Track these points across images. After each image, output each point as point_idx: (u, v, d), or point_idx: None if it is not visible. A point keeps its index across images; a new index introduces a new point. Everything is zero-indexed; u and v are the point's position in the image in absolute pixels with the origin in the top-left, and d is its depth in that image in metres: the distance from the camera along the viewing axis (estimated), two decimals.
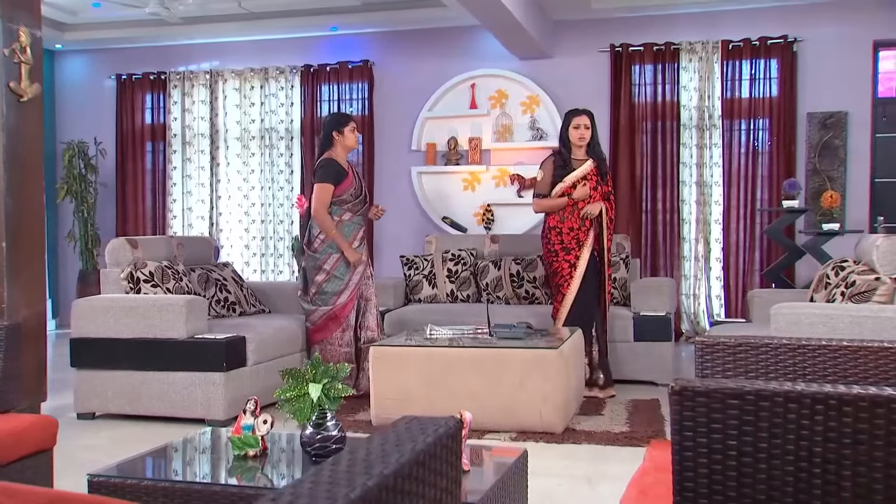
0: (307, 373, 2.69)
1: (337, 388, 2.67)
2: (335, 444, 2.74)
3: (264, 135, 9.16)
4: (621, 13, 8.33)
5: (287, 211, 9.12)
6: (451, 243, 7.33)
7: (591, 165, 5.78)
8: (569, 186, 5.71)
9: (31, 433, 3.01)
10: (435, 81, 8.76)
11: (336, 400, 2.67)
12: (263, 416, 2.85)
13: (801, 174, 7.99)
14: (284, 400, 2.69)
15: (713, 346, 2.58)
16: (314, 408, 2.65)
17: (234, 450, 2.82)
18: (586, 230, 5.74)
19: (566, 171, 5.76)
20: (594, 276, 5.75)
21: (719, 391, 1.76)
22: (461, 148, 8.72)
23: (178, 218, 9.41)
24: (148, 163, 9.61)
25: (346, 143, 5.85)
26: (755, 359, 2.53)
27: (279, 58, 9.18)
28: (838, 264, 5.09)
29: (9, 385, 3.13)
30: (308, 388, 2.64)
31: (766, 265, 8.02)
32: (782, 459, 1.73)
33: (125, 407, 5.13)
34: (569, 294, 5.67)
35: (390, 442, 1.25)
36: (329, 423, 2.73)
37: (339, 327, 5.76)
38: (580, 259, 5.69)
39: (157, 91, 9.51)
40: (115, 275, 5.46)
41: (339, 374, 2.69)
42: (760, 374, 2.51)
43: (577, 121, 5.76)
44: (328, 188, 5.72)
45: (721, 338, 2.57)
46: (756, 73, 8.11)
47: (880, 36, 7.92)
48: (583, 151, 5.80)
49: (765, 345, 2.53)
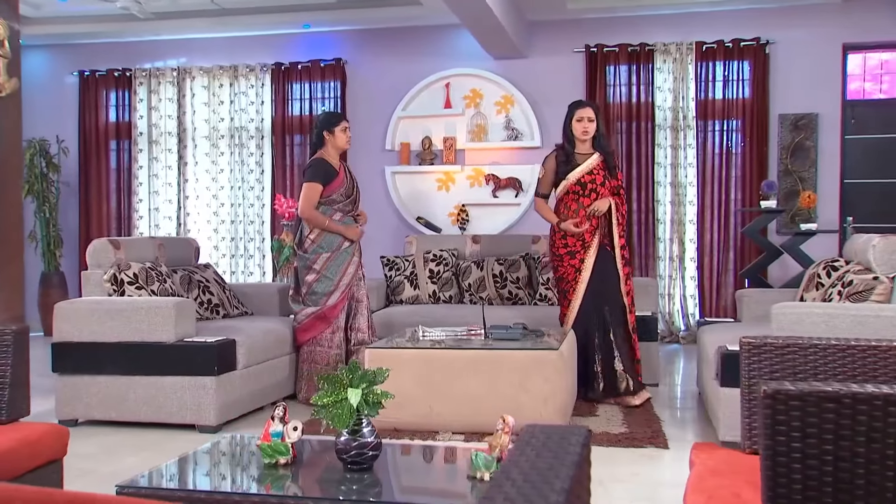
0: (344, 377, 2.61)
1: (376, 393, 2.59)
2: (371, 452, 2.66)
3: (234, 134, 9.00)
4: (596, 14, 8.34)
5: (258, 211, 8.96)
6: (432, 244, 7.27)
7: (597, 159, 5.54)
8: (573, 183, 5.50)
9: (44, 442, 2.88)
10: (409, 80, 8.68)
11: (375, 405, 2.59)
12: (293, 423, 2.76)
13: (773, 175, 8.09)
14: (321, 406, 2.60)
15: (760, 348, 2.55)
16: (353, 414, 2.57)
17: (265, 458, 2.72)
18: (592, 230, 5.49)
19: (570, 166, 5.53)
20: (608, 274, 5.47)
21: (814, 395, 1.73)
22: (435, 148, 8.66)
23: (145, 218, 9.20)
24: (112, 162, 9.37)
25: (337, 142, 5.76)
26: (803, 360, 2.52)
27: (249, 55, 9.02)
28: (830, 264, 5.14)
29: (17, 392, 3.00)
30: (347, 394, 2.56)
31: (741, 265, 8.10)
32: (881, 465, 1.70)
33: (110, 413, 4.97)
34: (575, 299, 5.48)
35: (544, 457, 1.19)
36: (365, 430, 2.65)
37: (326, 327, 5.66)
38: (585, 263, 5.47)
39: (123, 88, 9.28)
40: (97, 276, 5.28)
41: (377, 379, 2.61)
42: (810, 375, 2.50)
43: (579, 113, 5.52)
44: (316, 187, 5.64)
45: (768, 339, 2.55)
46: (729, 75, 8.19)
47: (849, 39, 8.06)
48: (588, 145, 5.56)
49: (813, 345, 2.52)
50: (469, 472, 2.61)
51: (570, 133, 5.54)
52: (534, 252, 7.02)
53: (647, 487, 3.88)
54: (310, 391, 5.68)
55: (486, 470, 2.57)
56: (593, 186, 5.50)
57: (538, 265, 6.83)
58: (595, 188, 5.50)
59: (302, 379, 5.75)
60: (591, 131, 5.51)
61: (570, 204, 5.55)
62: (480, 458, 2.59)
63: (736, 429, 4.41)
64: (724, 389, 4.45)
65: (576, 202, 5.52)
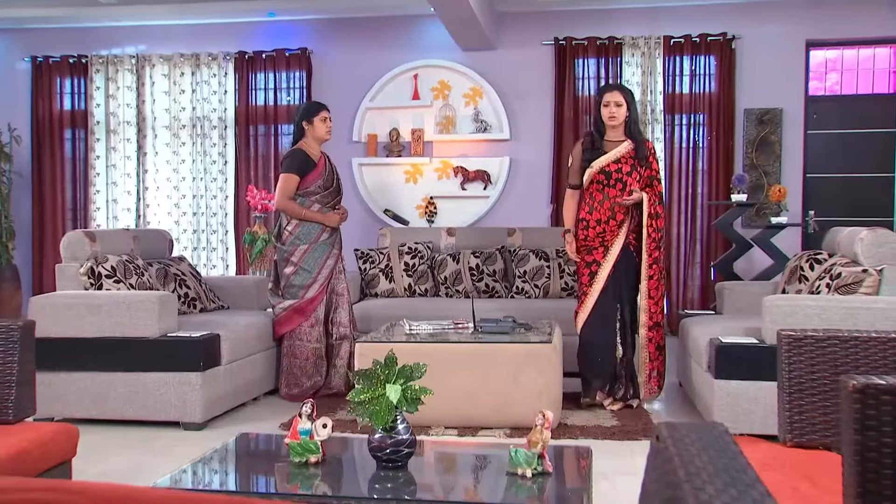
0: (380, 373, 2.54)
1: (414, 389, 2.53)
2: (407, 449, 2.60)
3: (196, 123, 8.79)
4: (565, 6, 8.34)
5: (221, 203, 8.78)
6: (406, 236, 7.20)
7: (627, 147, 5.13)
8: (597, 172, 5.12)
9: (56, 443, 2.76)
10: (376, 71, 8.58)
11: (414, 402, 2.52)
12: (322, 420, 2.68)
13: (738, 169, 8.19)
14: (357, 403, 2.52)
15: (800, 340, 2.55)
16: (392, 411, 2.50)
17: (294, 456, 2.64)
18: (616, 225, 5.11)
19: (595, 154, 5.15)
20: (627, 277, 5.15)
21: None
22: (403, 139, 8.57)
23: (102, 210, 8.94)
24: (67, 151, 9.08)
25: (316, 133, 5.66)
26: (844, 352, 2.52)
27: (212, 43, 8.82)
28: (813, 256, 5.21)
29: (24, 391, 2.86)
30: (385, 390, 2.48)
31: (707, 258, 8.20)
32: None
33: (90, 411, 4.80)
34: (588, 299, 5.17)
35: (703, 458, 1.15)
36: (401, 427, 2.59)
37: (304, 320, 5.56)
38: (602, 268, 5.13)
39: (78, 75, 8.99)
40: (72, 270, 5.10)
41: (414, 375, 2.55)
42: (850, 367, 2.50)
43: (606, 97, 5.14)
44: (291, 178, 5.55)
45: (808, 331, 2.55)
46: (696, 69, 8.26)
47: (812, 36, 8.18)
48: (619, 132, 5.16)
49: (853, 338, 2.52)
50: (508, 469, 2.56)
51: (599, 119, 5.20)
52: (510, 245, 6.99)
53: None
54: (289, 386, 5.58)
55: (528, 466, 2.53)
56: (619, 176, 5.11)
57: (514, 258, 6.81)
58: (622, 178, 5.11)
59: (283, 374, 5.64)
60: (620, 117, 5.11)
61: (595, 194, 5.16)
62: (521, 455, 2.54)
63: (732, 421, 4.45)
64: (718, 381, 4.48)
65: (601, 192, 5.14)
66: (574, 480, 2.55)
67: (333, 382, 5.60)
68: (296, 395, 5.54)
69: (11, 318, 4.06)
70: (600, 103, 5.17)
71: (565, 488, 2.46)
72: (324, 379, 5.60)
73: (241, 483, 2.54)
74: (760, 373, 4.42)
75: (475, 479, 2.69)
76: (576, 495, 2.36)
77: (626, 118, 5.14)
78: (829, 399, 2.51)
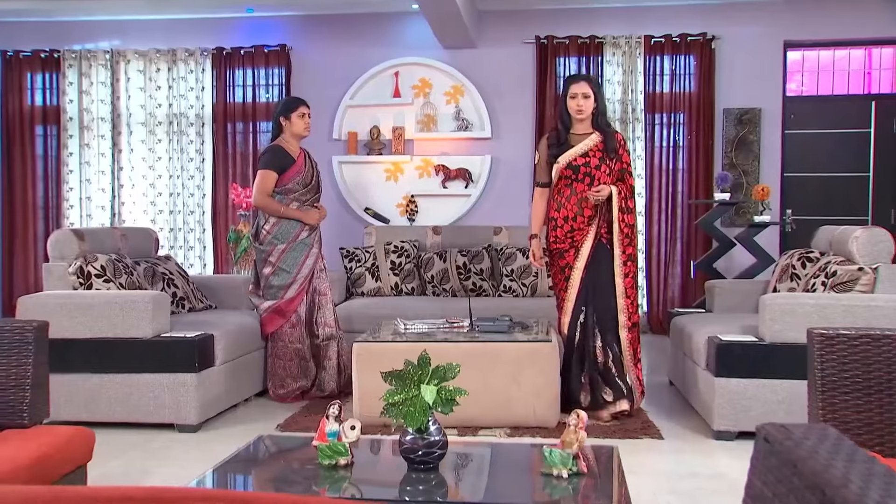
0: (412, 374, 2.50)
1: (448, 390, 2.49)
2: (439, 450, 2.56)
3: (172, 120, 8.66)
4: (546, 5, 8.35)
5: (198, 201, 8.65)
6: (392, 235, 7.15)
7: (595, 140, 4.90)
8: (564, 167, 4.90)
9: (73, 446, 2.68)
10: (357, 69, 8.52)
11: (449, 403, 2.49)
12: (350, 422, 2.64)
13: (718, 168, 8.26)
14: (390, 404, 2.48)
15: (832, 339, 2.56)
16: (427, 412, 2.46)
17: (323, 459, 2.59)
18: (585, 221, 4.90)
19: (561, 149, 4.93)
20: (602, 274, 4.89)
21: None
22: (384, 137, 8.52)
23: (76, 208, 8.76)
24: (39, 148, 8.89)
25: (294, 129, 5.58)
26: (877, 351, 2.53)
27: (188, 39, 8.69)
28: (804, 255, 5.25)
29: (38, 394, 2.77)
30: (420, 391, 2.45)
31: (687, 256, 8.26)
32: None
33: (81, 413, 4.69)
34: (567, 304, 4.94)
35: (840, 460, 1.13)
36: (433, 428, 2.55)
37: (285, 321, 5.48)
38: (574, 269, 4.91)
39: (50, 70, 8.81)
40: (61, 269, 4.98)
41: (447, 375, 2.51)
42: (883, 367, 2.51)
43: (573, 89, 4.89)
44: (268, 175, 5.45)
45: (840, 330, 2.56)
46: (676, 69, 8.31)
47: (789, 37, 8.28)
48: (586, 124, 4.94)
49: (886, 336, 2.54)
50: (543, 469, 2.54)
51: (565, 112, 4.97)
52: (496, 243, 6.98)
53: (662, 479, 3.88)
54: (275, 387, 5.51)
55: (564, 466, 2.50)
56: (587, 170, 4.88)
57: (501, 256, 6.79)
58: (589, 171, 4.88)
59: (269, 375, 5.57)
60: (588, 109, 4.89)
61: (563, 190, 4.95)
62: (556, 455, 2.52)
63: (733, 419, 4.48)
64: (718, 380, 4.50)
65: (569, 188, 4.93)
66: (610, 480, 2.53)
67: (325, 384, 5.52)
68: (282, 395, 5.47)
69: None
70: (566, 95, 4.93)
71: (605, 488, 2.44)
72: (311, 381, 5.52)
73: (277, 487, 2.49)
74: (760, 371, 4.46)
75: (511, 481, 2.66)
76: (616, 495, 2.34)
77: (593, 110, 4.92)
78: (862, 397, 2.53)
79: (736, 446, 4.44)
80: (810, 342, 2.61)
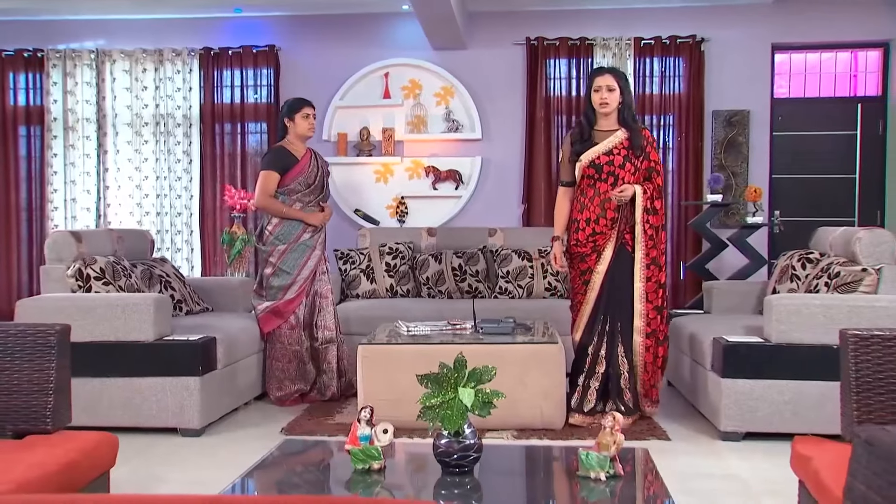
0: (448, 376, 2.48)
1: (485, 393, 2.47)
2: (474, 454, 2.54)
3: (159, 121, 8.55)
4: (536, 6, 8.35)
5: (186, 203, 8.56)
6: (386, 236, 7.12)
7: (621, 137, 4.70)
8: (586, 165, 4.71)
9: (99, 452, 2.63)
10: (346, 69, 8.46)
11: (487, 405, 2.47)
12: (382, 426, 2.61)
13: (707, 169, 8.29)
14: (427, 407, 2.46)
15: (867, 340, 2.57)
16: (464, 415, 2.44)
17: (356, 463, 2.56)
18: (607, 224, 4.69)
19: (584, 145, 4.72)
20: (622, 279, 4.72)
21: None
22: (374, 139, 8.47)
23: (60, 209, 8.63)
24: (22, 149, 8.74)
25: (298, 129, 5.59)
26: None
27: (176, 39, 8.59)
28: (804, 256, 5.28)
29: (61, 399, 2.72)
30: (458, 394, 2.42)
31: (677, 257, 8.29)
32: None
33: (80, 418, 4.55)
34: (585, 307, 4.81)
35: None
36: (468, 431, 2.53)
37: (283, 322, 5.44)
38: (595, 273, 4.74)
39: (34, 70, 8.67)
40: (58, 272, 4.90)
41: (483, 378, 2.49)
42: None
43: (597, 81, 4.68)
44: (270, 175, 5.44)
45: (875, 331, 2.56)
46: (666, 71, 8.34)
47: (777, 39, 8.33)
48: (611, 120, 4.72)
49: None
50: (580, 473, 2.52)
51: (589, 107, 4.76)
52: (491, 245, 6.97)
53: (675, 481, 3.87)
54: (272, 389, 5.47)
55: (601, 469, 2.49)
56: (611, 169, 4.68)
57: (496, 258, 6.78)
58: (613, 171, 4.68)
59: (268, 377, 5.52)
60: (613, 102, 4.67)
61: (586, 190, 4.77)
62: (593, 458, 2.51)
63: (739, 419, 4.49)
64: (725, 381, 4.51)
65: (592, 188, 4.74)
66: (650, 483, 2.52)
67: (325, 388, 5.48)
68: (280, 397, 5.43)
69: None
70: (591, 88, 4.73)
71: (646, 492, 2.43)
72: (310, 385, 5.48)
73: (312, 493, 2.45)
74: (766, 371, 4.48)
75: (548, 484, 2.64)
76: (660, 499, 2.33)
77: (619, 104, 4.71)
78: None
79: (743, 447, 4.46)
80: (843, 343, 2.61)
